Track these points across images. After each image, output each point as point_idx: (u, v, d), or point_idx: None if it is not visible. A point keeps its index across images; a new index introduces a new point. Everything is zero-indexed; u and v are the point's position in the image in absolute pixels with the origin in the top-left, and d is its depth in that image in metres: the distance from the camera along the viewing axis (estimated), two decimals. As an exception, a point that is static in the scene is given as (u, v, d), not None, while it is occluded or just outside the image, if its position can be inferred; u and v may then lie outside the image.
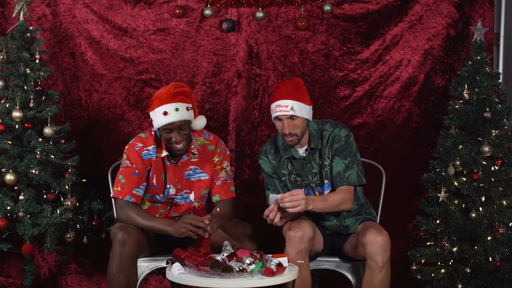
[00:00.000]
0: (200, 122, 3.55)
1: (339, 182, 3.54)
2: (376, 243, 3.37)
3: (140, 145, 3.56)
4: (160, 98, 3.44)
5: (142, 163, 3.53)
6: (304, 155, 3.61)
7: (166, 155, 3.55)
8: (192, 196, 3.62)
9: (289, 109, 3.48)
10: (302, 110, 3.50)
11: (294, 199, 3.31)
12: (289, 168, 3.63)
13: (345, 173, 3.53)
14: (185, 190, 3.62)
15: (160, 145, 3.55)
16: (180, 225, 3.35)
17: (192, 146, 3.58)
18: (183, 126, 3.45)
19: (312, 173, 3.61)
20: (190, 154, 3.59)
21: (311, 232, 3.41)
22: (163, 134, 3.48)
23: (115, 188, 3.53)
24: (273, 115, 3.54)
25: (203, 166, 3.61)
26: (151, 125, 4.07)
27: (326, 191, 3.60)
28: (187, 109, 3.45)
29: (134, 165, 3.52)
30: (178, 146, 3.47)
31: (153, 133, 3.59)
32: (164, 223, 3.45)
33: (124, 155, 3.55)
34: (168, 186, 3.58)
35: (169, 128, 3.43)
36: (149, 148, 3.55)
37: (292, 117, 3.49)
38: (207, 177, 3.62)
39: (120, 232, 3.35)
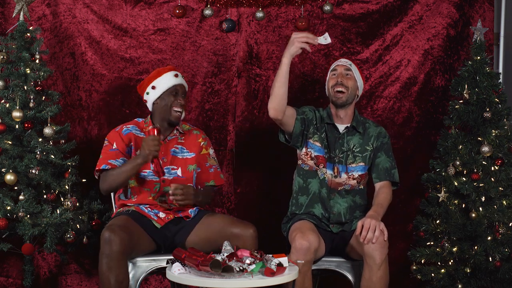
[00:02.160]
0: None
1: (387, 177, 3.76)
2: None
3: (120, 126, 3.82)
4: (166, 68, 3.84)
5: (121, 139, 3.74)
6: (343, 131, 3.78)
7: (154, 128, 3.67)
8: (179, 172, 3.76)
9: (348, 64, 3.81)
10: (357, 73, 3.82)
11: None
12: (323, 135, 3.77)
13: (391, 170, 3.76)
14: (172, 166, 3.75)
15: (143, 128, 3.79)
16: (144, 150, 3.55)
17: (178, 127, 3.82)
18: (185, 94, 3.81)
19: (340, 149, 3.76)
20: (177, 133, 3.80)
21: (316, 243, 3.45)
22: (167, 98, 3.75)
23: (96, 167, 3.72)
24: (332, 68, 3.85)
25: (189, 146, 3.82)
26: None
27: (359, 173, 3.75)
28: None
29: (114, 144, 3.73)
30: (179, 110, 3.74)
31: (135, 120, 3.86)
32: (131, 161, 3.62)
33: (106, 137, 3.79)
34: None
35: (177, 89, 3.76)
36: (129, 126, 3.81)
37: (348, 70, 3.78)
38: (194, 155, 3.82)
39: (106, 231, 3.41)
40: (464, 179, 3.95)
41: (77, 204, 4.01)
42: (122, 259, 3.40)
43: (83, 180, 4.17)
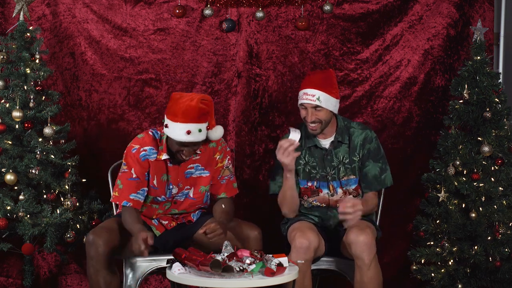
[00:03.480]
0: (216, 133, 3.50)
1: (378, 185, 3.67)
2: (359, 242, 3.39)
3: (137, 146, 3.51)
4: (186, 113, 3.36)
5: (140, 166, 3.49)
6: (327, 146, 3.67)
7: (168, 158, 3.53)
8: (191, 192, 3.62)
9: (315, 99, 3.55)
10: (328, 102, 3.57)
11: (355, 210, 3.40)
12: (306, 159, 3.67)
13: (381, 176, 3.65)
14: (186, 187, 3.61)
15: (158, 146, 3.53)
16: (135, 242, 3.29)
17: None
18: (198, 144, 3.46)
19: (331, 166, 3.66)
20: (193, 154, 3.56)
21: (316, 242, 3.44)
22: (174, 145, 3.44)
23: (114, 193, 3.55)
24: (299, 101, 3.61)
25: (205, 164, 3.60)
26: (151, 124, 4.06)
27: (353, 186, 3.67)
28: (207, 128, 3.43)
29: (132, 170, 3.49)
30: (185, 158, 3.47)
31: (150, 133, 3.55)
32: (134, 229, 3.37)
33: (123, 160, 3.54)
34: (170, 186, 3.57)
35: (186, 145, 3.41)
36: (146, 148, 3.51)
37: (316, 107, 3.56)
38: (208, 174, 3.62)
39: (90, 234, 3.42)
40: (464, 179, 3.95)
41: (77, 204, 4.01)
42: (107, 260, 3.40)
43: (83, 180, 4.17)
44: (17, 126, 3.98)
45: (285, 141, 3.46)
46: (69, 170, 4.05)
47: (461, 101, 4.02)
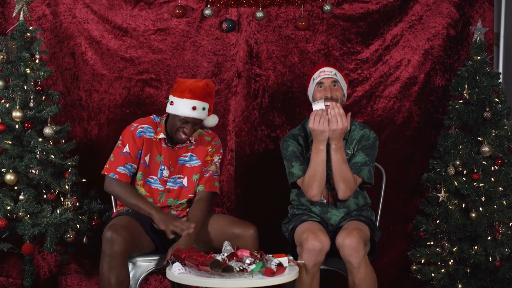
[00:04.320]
0: (212, 120, 3.73)
1: (354, 171, 3.63)
2: (345, 246, 3.38)
3: (136, 124, 3.70)
4: (194, 91, 3.58)
5: (134, 143, 3.65)
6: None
7: (164, 138, 3.67)
8: (185, 181, 3.70)
9: (333, 74, 3.66)
10: (342, 82, 3.70)
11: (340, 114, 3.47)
12: (310, 153, 3.68)
13: (361, 166, 3.64)
14: (178, 175, 3.70)
15: (157, 128, 3.70)
16: (166, 224, 3.49)
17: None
18: (198, 123, 3.63)
19: (330, 160, 3.66)
20: (188, 142, 3.72)
21: (328, 245, 3.44)
22: (175, 122, 3.61)
23: (105, 166, 3.67)
24: (317, 80, 3.67)
25: (198, 154, 3.74)
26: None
27: None
28: (209, 109, 3.64)
29: (126, 146, 3.65)
30: (184, 137, 3.62)
31: (151, 116, 3.75)
32: (149, 207, 3.57)
33: (120, 136, 3.71)
34: (162, 167, 3.67)
35: (188, 121, 3.58)
36: (144, 126, 3.70)
37: (335, 82, 3.64)
38: (200, 163, 3.73)
39: (108, 231, 3.40)
40: (464, 179, 3.95)
41: (77, 204, 4.01)
42: (123, 259, 3.39)
43: (83, 180, 4.17)
44: (17, 126, 3.98)
45: (315, 111, 3.52)
46: (69, 170, 4.05)
47: (461, 101, 4.01)
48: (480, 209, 3.91)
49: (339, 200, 3.67)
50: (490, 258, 3.88)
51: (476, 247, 3.88)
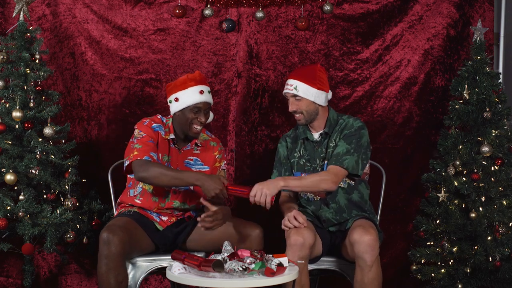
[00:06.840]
0: (210, 116, 3.73)
1: (333, 161, 3.59)
2: (363, 243, 3.38)
3: (147, 121, 3.68)
4: (194, 78, 3.64)
5: (153, 134, 3.63)
6: (318, 139, 3.72)
7: (172, 139, 3.67)
8: (192, 186, 3.65)
9: (293, 88, 3.65)
10: (307, 92, 3.64)
11: (257, 200, 3.50)
12: (301, 152, 3.75)
13: (343, 156, 3.59)
14: None
15: (165, 128, 3.69)
16: (215, 186, 3.42)
17: (197, 140, 3.72)
18: (208, 110, 3.67)
19: (320, 157, 3.70)
20: (194, 146, 3.72)
21: (312, 239, 3.44)
22: (187, 116, 3.61)
23: (131, 155, 3.54)
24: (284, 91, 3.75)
25: (204, 159, 3.74)
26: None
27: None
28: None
29: (148, 135, 3.61)
30: (198, 128, 3.62)
31: (158, 116, 3.73)
32: (194, 178, 3.47)
33: (136, 131, 3.64)
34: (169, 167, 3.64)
35: (199, 107, 3.60)
36: (155, 125, 3.68)
37: (295, 96, 3.64)
38: (207, 169, 3.72)
39: (104, 232, 3.39)
40: (464, 179, 3.95)
41: (77, 204, 4.01)
42: (121, 259, 3.39)
43: (83, 180, 4.17)
44: (17, 126, 3.98)
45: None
46: (69, 170, 4.05)
47: (461, 101, 4.01)
48: (480, 209, 3.91)
49: (329, 197, 3.69)
50: (490, 258, 3.88)
51: (476, 247, 3.88)
